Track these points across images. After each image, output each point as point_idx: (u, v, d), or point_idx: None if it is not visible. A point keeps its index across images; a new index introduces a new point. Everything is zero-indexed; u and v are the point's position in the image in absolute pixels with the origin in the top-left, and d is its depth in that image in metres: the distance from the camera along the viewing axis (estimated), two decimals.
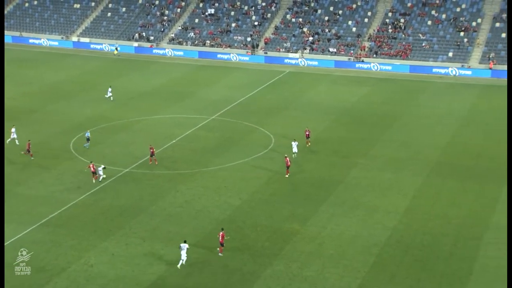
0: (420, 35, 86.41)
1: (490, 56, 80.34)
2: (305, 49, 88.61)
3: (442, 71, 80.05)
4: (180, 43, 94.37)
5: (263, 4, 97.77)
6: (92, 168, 47.29)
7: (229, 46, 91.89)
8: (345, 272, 35.61)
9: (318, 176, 48.44)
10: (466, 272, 35.52)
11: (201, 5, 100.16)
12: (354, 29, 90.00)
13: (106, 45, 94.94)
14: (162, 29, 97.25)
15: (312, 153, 53.30)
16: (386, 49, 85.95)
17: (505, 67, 78.43)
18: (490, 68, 79.46)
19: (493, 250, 37.71)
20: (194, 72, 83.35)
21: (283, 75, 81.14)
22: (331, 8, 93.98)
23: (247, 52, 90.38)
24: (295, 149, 51.64)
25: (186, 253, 35.86)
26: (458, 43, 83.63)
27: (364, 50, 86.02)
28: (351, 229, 40.51)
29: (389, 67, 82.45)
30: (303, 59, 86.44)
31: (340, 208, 43.33)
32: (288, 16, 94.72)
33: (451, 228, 40.52)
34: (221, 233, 37.32)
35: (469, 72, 79.21)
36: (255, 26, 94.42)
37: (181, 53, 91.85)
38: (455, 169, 49.93)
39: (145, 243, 38.83)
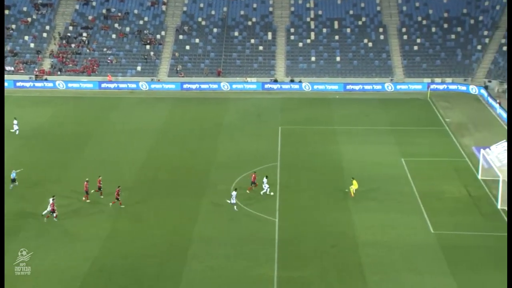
0: (106, 49, 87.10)
1: (178, 69, 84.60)
2: None
3: (133, 85, 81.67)
4: None
5: None
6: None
7: None
8: None
9: (8, 210, 45.05)
10: None
11: None
12: (32, 45, 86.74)
13: None
14: None
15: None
16: (71, 65, 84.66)
17: (193, 79, 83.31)
18: (109, 80, 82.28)
19: (197, 264, 39.41)
20: None
21: None
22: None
23: None
24: (266, 186, 48.91)
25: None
26: (145, 56, 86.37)
27: (43, 73, 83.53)
28: (49, 264, 38.71)
29: (77, 85, 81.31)
30: None
31: (37, 242, 41.13)
32: None
33: (156, 247, 41.31)
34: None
35: (159, 86, 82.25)
36: None
37: None
38: (155, 185, 51.17)
39: None
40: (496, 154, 49.83)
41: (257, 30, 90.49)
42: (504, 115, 67.39)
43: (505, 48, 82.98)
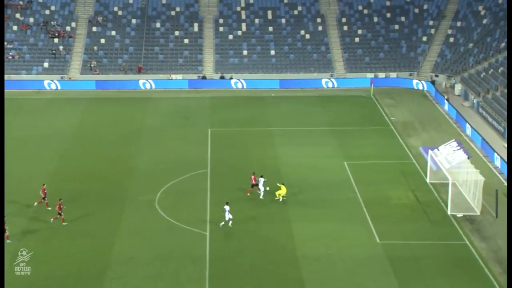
0: (6, 43, 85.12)
1: (92, 65, 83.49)
2: None
3: (39, 84, 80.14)
4: None
5: None
6: None
7: None
8: None
9: None
10: None
11: None
12: None
13: None
14: None
15: None
16: None
17: (109, 77, 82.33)
18: None
19: (118, 285, 39.03)
20: None
21: None
22: None
23: None
24: (262, 188, 50.02)
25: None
26: (54, 51, 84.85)
27: None
28: None
29: None
30: None
31: None
32: None
33: (69, 269, 40.76)
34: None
35: (70, 85, 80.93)
36: None
37: None
38: (68, 198, 49.92)
39: None
40: (444, 155, 51.22)
41: (181, 21, 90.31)
42: (453, 112, 69.58)
43: (452, 39, 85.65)
